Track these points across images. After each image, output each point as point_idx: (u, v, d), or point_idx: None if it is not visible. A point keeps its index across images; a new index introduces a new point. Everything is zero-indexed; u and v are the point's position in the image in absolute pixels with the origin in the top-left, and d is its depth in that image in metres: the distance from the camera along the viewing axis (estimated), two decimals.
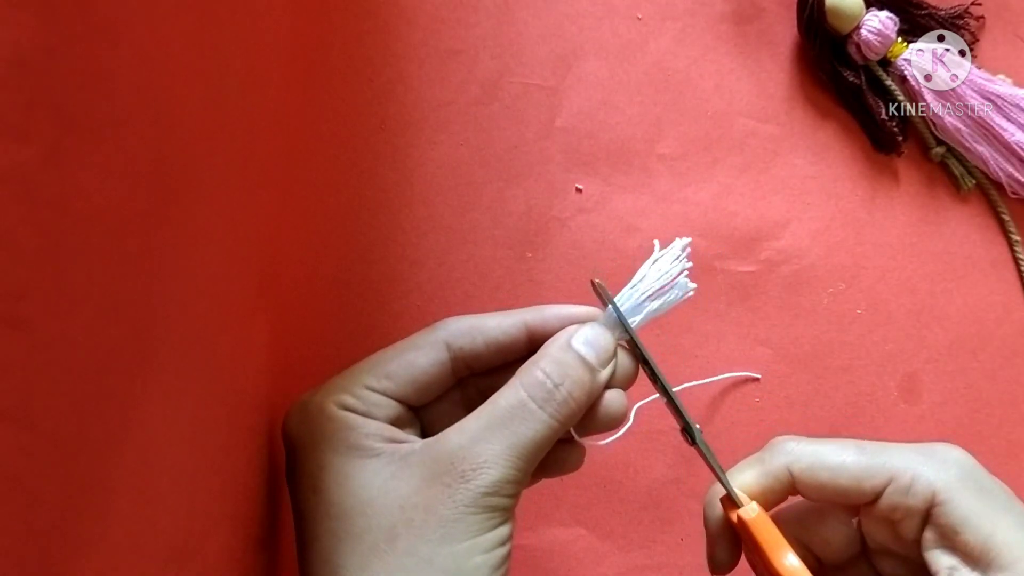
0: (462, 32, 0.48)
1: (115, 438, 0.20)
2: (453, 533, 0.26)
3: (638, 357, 0.31)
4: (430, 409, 0.32)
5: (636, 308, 0.31)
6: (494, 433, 0.27)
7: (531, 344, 0.31)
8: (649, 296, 0.31)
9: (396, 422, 0.30)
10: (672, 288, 0.31)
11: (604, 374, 0.30)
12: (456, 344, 0.30)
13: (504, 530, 0.28)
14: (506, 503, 0.27)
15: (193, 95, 0.24)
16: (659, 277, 0.31)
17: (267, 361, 0.35)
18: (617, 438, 0.34)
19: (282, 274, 0.41)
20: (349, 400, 0.29)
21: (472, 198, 0.46)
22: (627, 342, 0.31)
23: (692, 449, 0.31)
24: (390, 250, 0.45)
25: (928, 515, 0.29)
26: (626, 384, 0.32)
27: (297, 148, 0.45)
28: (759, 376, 0.46)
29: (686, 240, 0.32)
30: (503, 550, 0.27)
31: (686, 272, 0.32)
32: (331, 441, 0.28)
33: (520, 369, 0.29)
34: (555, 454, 0.31)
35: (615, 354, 0.31)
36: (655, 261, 0.32)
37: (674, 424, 0.32)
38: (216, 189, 0.27)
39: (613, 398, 0.31)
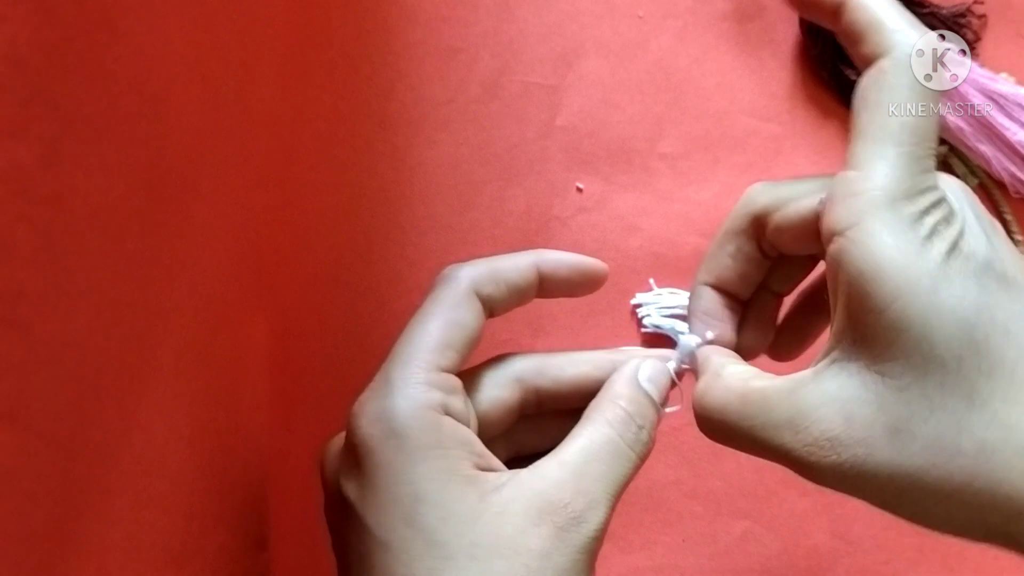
0: (462, 30, 0.47)
1: (114, 438, 0.19)
2: None
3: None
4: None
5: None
6: (594, 470, 0.27)
7: (543, 289, 0.30)
8: None
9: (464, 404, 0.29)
10: None
11: (662, 411, 0.30)
12: (484, 291, 0.29)
13: None
14: (597, 549, 0.27)
15: (192, 94, 0.24)
16: None
17: (267, 361, 0.35)
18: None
19: (282, 274, 0.41)
20: (430, 396, 0.27)
21: (472, 198, 0.46)
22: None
23: (692, 450, 0.31)
24: (390, 250, 0.45)
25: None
26: None
27: (297, 147, 0.45)
28: None
29: None
30: None
31: None
32: (425, 462, 0.26)
33: (596, 404, 0.29)
34: None
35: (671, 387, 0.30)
36: None
37: (675, 425, 0.32)
38: (215, 188, 0.27)
39: None
